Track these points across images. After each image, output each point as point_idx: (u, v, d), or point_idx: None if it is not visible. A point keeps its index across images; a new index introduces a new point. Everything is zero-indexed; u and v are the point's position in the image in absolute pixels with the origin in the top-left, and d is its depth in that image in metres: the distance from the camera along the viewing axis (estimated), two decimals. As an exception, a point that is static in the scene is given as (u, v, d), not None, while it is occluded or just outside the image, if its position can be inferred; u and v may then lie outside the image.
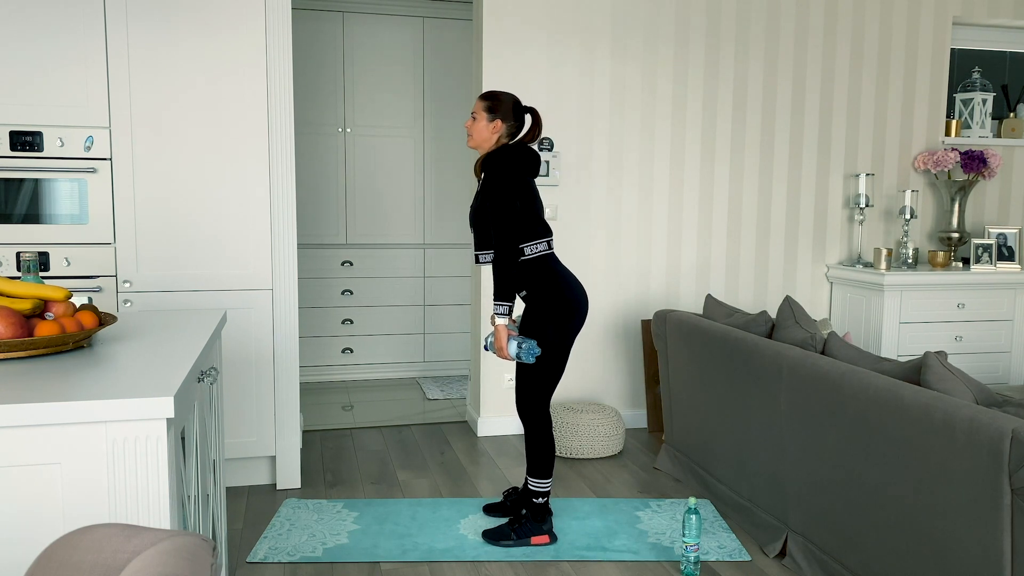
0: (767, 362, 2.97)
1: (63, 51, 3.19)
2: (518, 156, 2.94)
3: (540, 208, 3.01)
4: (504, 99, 2.99)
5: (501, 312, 2.92)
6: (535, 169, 3.00)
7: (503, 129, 2.98)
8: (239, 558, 2.92)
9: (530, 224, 2.95)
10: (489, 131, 2.98)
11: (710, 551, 2.99)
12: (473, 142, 3.03)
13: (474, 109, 3.02)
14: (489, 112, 2.98)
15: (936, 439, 2.19)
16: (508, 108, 2.98)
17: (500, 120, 2.97)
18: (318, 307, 5.53)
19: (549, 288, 2.94)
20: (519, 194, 2.92)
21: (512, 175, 2.91)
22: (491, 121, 2.98)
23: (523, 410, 3.03)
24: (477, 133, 3.00)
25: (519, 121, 3.01)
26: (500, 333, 2.93)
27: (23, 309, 1.88)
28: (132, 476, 1.49)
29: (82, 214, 3.26)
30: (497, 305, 2.92)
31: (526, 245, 2.94)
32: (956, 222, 4.87)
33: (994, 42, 5.14)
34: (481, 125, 2.98)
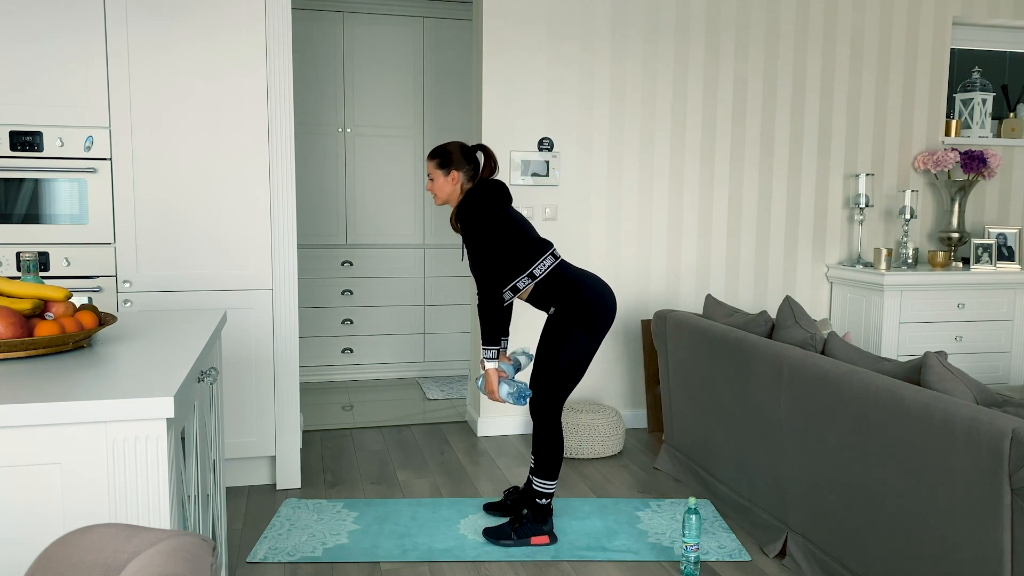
0: (767, 362, 2.97)
1: (63, 51, 3.19)
2: (486, 194, 2.99)
3: (529, 228, 3.04)
4: (451, 149, 3.05)
5: (489, 356, 2.99)
6: (507, 198, 3.04)
7: (461, 177, 3.04)
8: (239, 558, 2.92)
9: (526, 248, 2.98)
10: (450, 184, 3.05)
11: (710, 551, 2.99)
12: (439, 200, 3.10)
13: (427, 171, 3.09)
14: (442, 168, 3.04)
15: (936, 439, 2.19)
16: (458, 156, 3.04)
17: (455, 170, 3.04)
18: (318, 307, 5.53)
19: (575, 299, 2.95)
20: (502, 229, 2.96)
21: (486, 213, 2.95)
22: (447, 175, 3.04)
23: (537, 409, 3.03)
24: (440, 190, 3.07)
25: (472, 163, 3.07)
26: (491, 377, 2.99)
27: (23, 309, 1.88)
28: (132, 476, 1.49)
29: (82, 214, 3.26)
30: (485, 349, 2.99)
31: (534, 267, 2.97)
32: (956, 222, 4.87)
33: (994, 42, 5.14)
34: (440, 182, 3.05)
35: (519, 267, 2.96)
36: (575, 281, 2.97)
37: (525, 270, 2.96)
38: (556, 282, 2.97)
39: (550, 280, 2.97)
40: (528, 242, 2.98)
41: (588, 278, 3.01)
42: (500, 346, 3.00)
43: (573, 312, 2.94)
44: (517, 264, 2.96)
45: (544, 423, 3.02)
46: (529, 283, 2.98)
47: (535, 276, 2.97)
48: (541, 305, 3.03)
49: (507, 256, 2.96)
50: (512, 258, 2.96)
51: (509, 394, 2.97)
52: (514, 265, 2.96)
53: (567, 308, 2.94)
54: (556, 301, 2.97)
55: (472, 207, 2.96)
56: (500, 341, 3.00)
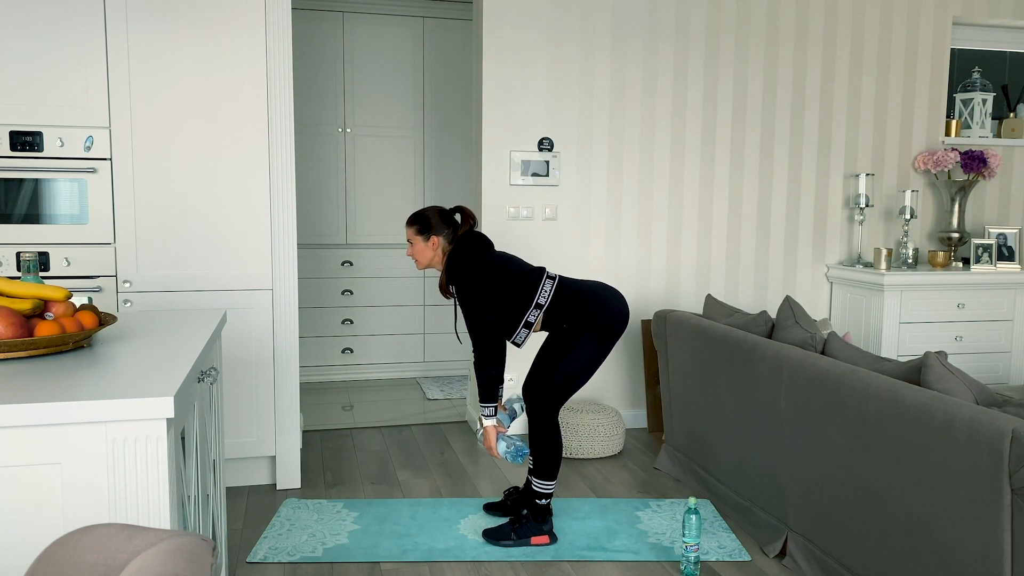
0: (767, 362, 2.97)
1: (63, 51, 3.19)
2: (468, 249, 3.01)
3: (519, 263, 3.06)
4: (429, 214, 3.08)
5: (488, 414, 3.03)
6: (488, 245, 3.07)
7: (441, 241, 3.07)
8: (239, 558, 2.92)
9: (523, 284, 2.99)
10: (430, 250, 3.07)
11: (710, 551, 2.99)
12: (421, 265, 3.12)
13: (407, 236, 3.11)
14: (421, 234, 3.07)
15: (936, 439, 2.19)
16: (436, 221, 3.07)
17: (434, 235, 3.06)
18: (318, 307, 5.53)
19: (582, 311, 2.95)
20: (492, 277, 2.97)
21: (474, 269, 2.97)
22: (427, 240, 3.07)
23: (535, 411, 3.03)
24: (420, 255, 3.09)
25: (451, 226, 3.09)
26: (490, 434, 3.03)
27: (23, 309, 1.88)
28: (132, 476, 1.49)
29: (82, 214, 3.26)
30: (483, 407, 3.03)
31: (538, 297, 2.98)
32: (956, 222, 4.87)
33: (994, 42, 5.14)
34: (420, 247, 3.08)
35: (524, 303, 2.98)
36: (578, 292, 2.99)
37: (530, 303, 2.97)
38: (561, 303, 2.98)
39: (556, 304, 2.98)
40: (522, 276, 3.00)
41: (592, 287, 3.02)
42: (496, 401, 3.04)
43: (581, 325, 2.95)
44: (521, 301, 2.98)
45: (542, 424, 3.02)
46: (539, 314, 2.98)
47: (541, 305, 2.98)
48: (554, 328, 3.03)
49: (508, 298, 2.97)
50: (513, 298, 2.97)
51: (506, 452, 3.02)
52: (518, 303, 2.98)
53: (580, 324, 2.96)
54: (567, 319, 2.98)
55: (458, 265, 2.98)
56: (497, 396, 3.04)
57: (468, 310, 2.97)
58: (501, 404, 3.20)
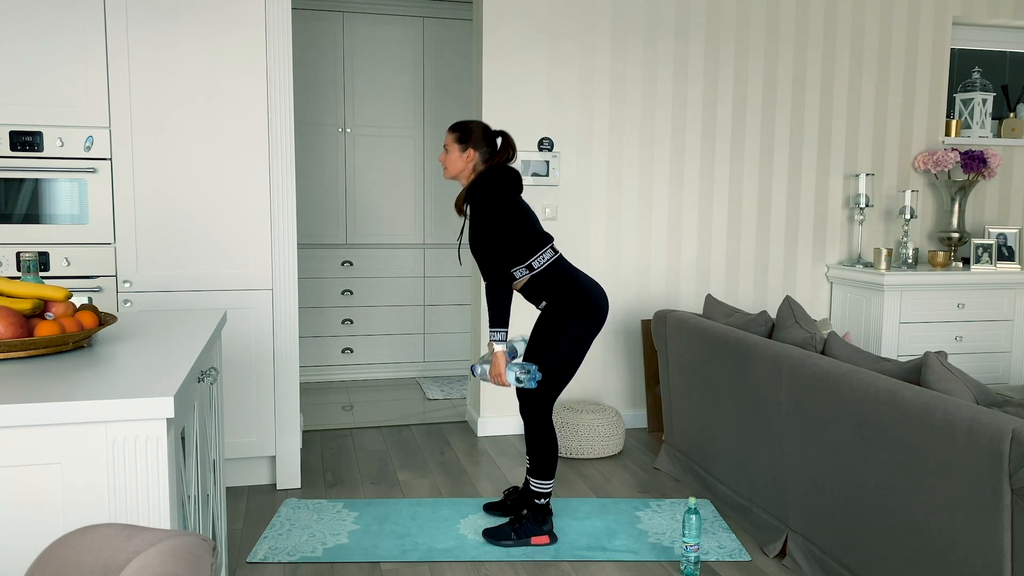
0: (767, 362, 2.97)
1: (63, 51, 3.19)
2: (498, 177, 2.95)
3: (535, 219, 3.02)
4: (473, 127, 3.01)
5: (498, 338, 2.93)
6: (518, 186, 3.01)
7: (476, 157, 3.00)
8: (239, 558, 2.92)
9: (530, 239, 2.95)
10: (463, 161, 3.00)
11: (710, 551, 2.99)
12: (449, 174, 3.05)
13: (445, 142, 3.05)
14: (460, 143, 3.00)
15: (936, 439, 2.19)
16: (479, 136, 3.00)
17: (472, 149, 2.99)
18: (318, 307, 5.53)
19: (568, 295, 2.94)
20: (508, 215, 2.92)
21: (496, 198, 2.92)
22: (463, 151, 3.00)
23: (527, 410, 3.02)
24: (451, 164, 3.02)
25: (491, 147, 3.03)
26: (500, 360, 2.92)
27: (23, 309, 1.88)
28: (132, 476, 1.49)
29: (82, 214, 3.26)
30: (493, 332, 2.93)
31: (533, 259, 2.95)
32: (956, 222, 4.87)
33: (994, 42, 5.14)
34: (454, 156, 3.01)
35: (519, 257, 2.95)
36: (570, 279, 2.97)
37: (524, 261, 2.95)
38: (552, 277, 2.96)
39: (546, 274, 2.96)
40: (532, 233, 2.96)
41: (583, 278, 3.00)
42: (507, 328, 2.94)
43: (564, 311, 2.93)
44: (517, 254, 2.94)
45: (535, 423, 3.02)
46: (526, 274, 2.96)
47: (533, 268, 2.96)
48: (533, 298, 3.01)
49: (509, 244, 2.93)
50: (513, 247, 2.94)
51: (517, 378, 2.90)
52: (514, 254, 2.94)
53: (558, 305, 2.94)
54: (548, 296, 2.96)
55: (482, 189, 2.92)
56: (508, 322, 2.93)
57: (484, 235, 2.90)
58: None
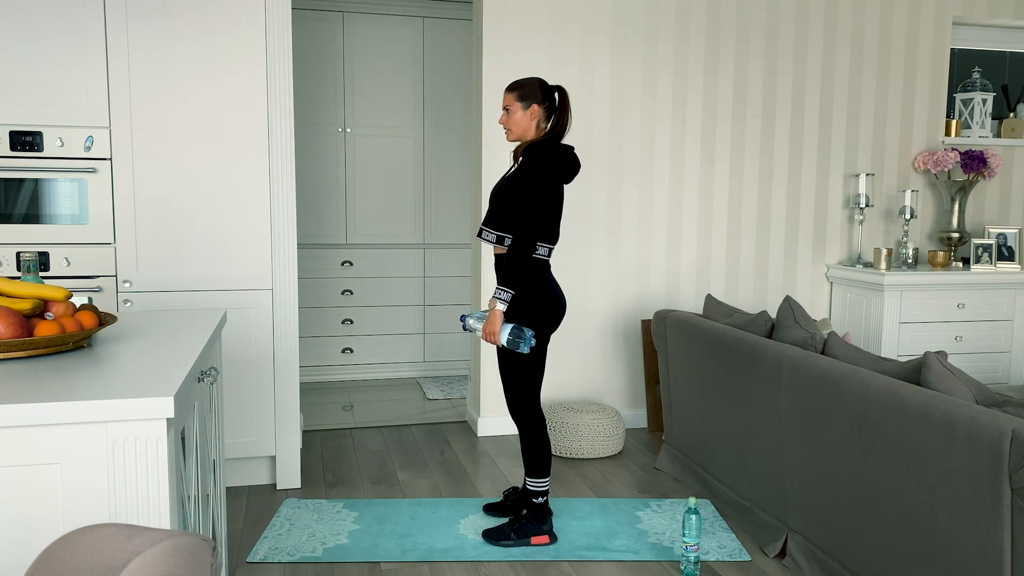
0: (767, 362, 2.97)
1: (63, 51, 3.19)
2: (562, 157, 2.89)
3: (559, 213, 2.96)
4: (530, 83, 2.94)
5: (503, 298, 2.86)
6: (571, 175, 2.95)
7: (540, 112, 2.93)
8: (239, 558, 2.92)
9: (551, 228, 2.92)
10: (528, 119, 2.93)
11: (710, 551, 2.99)
12: (513, 135, 2.97)
13: (505, 103, 2.97)
14: (522, 100, 2.92)
15: (936, 439, 2.19)
16: (536, 90, 2.93)
17: (535, 104, 2.92)
18: (318, 307, 5.53)
19: (538, 289, 2.93)
20: (546, 198, 2.86)
21: (550, 175, 2.85)
22: (527, 108, 2.92)
23: (516, 411, 3.03)
24: (516, 125, 2.95)
25: (550, 100, 2.95)
26: (496, 318, 2.86)
27: (23, 309, 1.88)
28: (132, 476, 1.49)
29: (82, 214, 3.26)
30: (501, 290, 2.87)
31: (540, 245, 2.92)
32: (956, 222, 4.87)
33: (994, 42, 5.14)
34: (518, 116, 2.93)
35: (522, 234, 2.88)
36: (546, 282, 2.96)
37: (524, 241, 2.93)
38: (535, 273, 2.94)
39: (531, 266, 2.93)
40: (555, 225, 2.92)
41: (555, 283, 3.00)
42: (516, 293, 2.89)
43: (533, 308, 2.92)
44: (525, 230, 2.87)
45: (525, 422, 3.02)
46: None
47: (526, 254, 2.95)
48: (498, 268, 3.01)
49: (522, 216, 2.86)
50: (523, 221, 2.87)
51: (508, 340, 2.86)
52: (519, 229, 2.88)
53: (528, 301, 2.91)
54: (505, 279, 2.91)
55: (547, 156, 2.84)
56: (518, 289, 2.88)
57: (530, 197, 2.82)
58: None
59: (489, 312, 2.91)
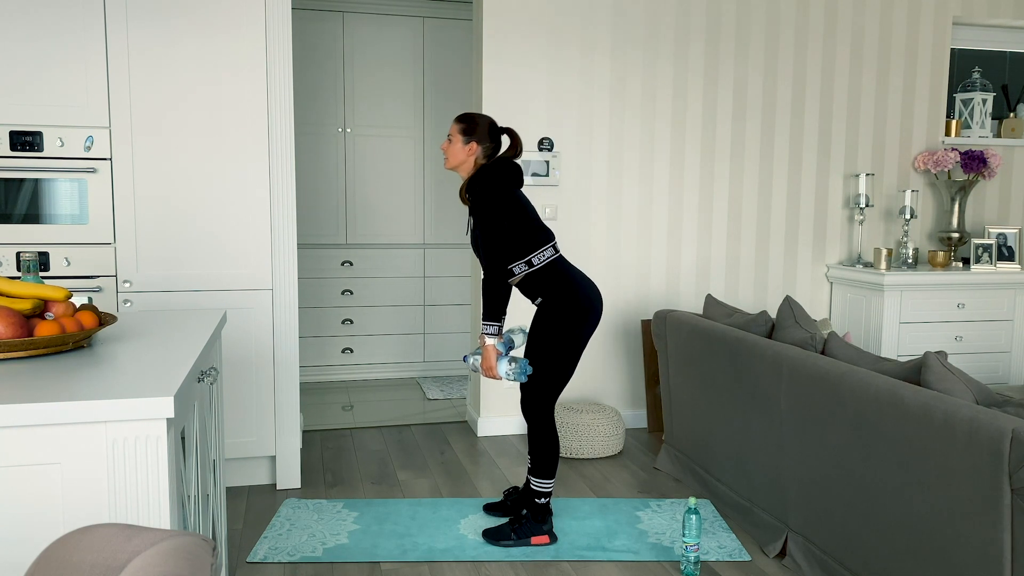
0: (767, 362, 2.97)
1: (63, 51, 3.19)
2: (500, 172, 2.94)
3: (536, 217, 3.01)
4: (480, 121, 3.00)
5: (490, 332, 2.94)
6: (519, 180, 3.00)
7: (479, 151, 2.99)
8: (239, 558, 2.92)
9: (531, 235, 2.95)
10: (465, 153, 2.99)
11: (710, 551, 2.99)
12: (449, 164, 3.04)
13: (450, 131, 3.03)
14: (465, 135, 2.99)
15: (936, 439, 2.19)
16: (484, 130, 2.99)
17: (475, 142, 2.98)
18: (318, 307, 5.53)
19: (564, 293, 2.93)
20: (509, 210, 2.92)
21: (498, 193, 2.91)
22: (467, 143, 2.99)
23: (529, 409, 3.02)
24: (453, 155, 3.01)
25: (495, 143, 3.02)
26: (489, 353, 2.94)
27: (23, 309, 1.88)
28: (132, 476, 1.49)
29: (82, 214, 3.26)
30: (486, 325, 2.94)
31: (533, 255, 2.94)
32: (956, 222, 4.87)
33: (994, 42, 5.14)
34: (457, 147, 3.00)
35: (519, 252, 2.94)
36: (569, 278, 2.96)
37: (524, 256, 2.94)
38: (550, 274, 2.95)
39: (545, 271, 2.95)
40: (532, 229, 2.96)
41: (581, 278, 3.00)
42: (501, 323, 2.95)
43: (560, 311, 2.93)
44: (517, 249, 2.94)
45: (537, 422, 3.01)
46: (525, 270, 2.95)
47: (533, 264, 2.95)
48: (529, 294, 3.00)
49: (509, 239, 2.93)
50: (514, 242, 2.93)
51: (507, 372, 2.91)
52: (514, 249, 2.94)
53: (554, 303, 2.93)
54: (545, 293, 2.95)
55: (483, 182, 2.91)
56: (501, 318, 2.95)
57: (486, 226, 2.90)
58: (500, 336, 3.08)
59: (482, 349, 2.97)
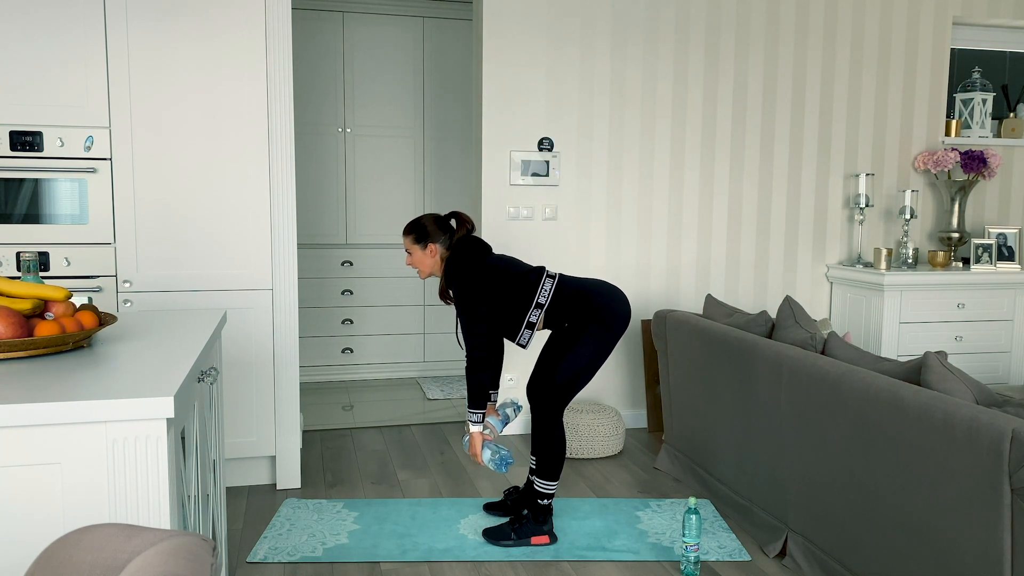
0: (767, 362, 2.97)
1: (63, 51, 3.19)
2: (465, 253, 3.01)
3: (517, 264, 3.06)
4: (424, 222, 3.08)
5: (474, 420, 3.03)
6: (485, 249, 3.07)
7: (439, 249, 3.07)
8: (239, 558, 2.92)
9: (523, 286, 2.98)
10: (429, 257, 3.07)
11: (710, 551, 2.99)
12: (424, 274, 3.13)
13: (405, 246, 3.12)
14: (419, 242, 3.07)
15: (936, 439, 2.19)
16: (432, 227, 3.07)
17: (431, 243, 3.06)
18: (318, 307, 5.53)
19: (583, 310, 2.95)
20: (491, 280, 2.97)
21: (472, 273, 2.96)
22: (424, 248, 3.07)
23: (539, 410, 3.02)
24: (420, 264, 3.09)
25: (447, 231, 3.09)
26: (475, 441, 3.04)
27: (23, 309, 1.88)
28: (132, 476, 1.49)
29: (82, 214, 3.26)
30: (470, 413, 3.03)
31: (537, 297, 2.97)
32: (956, 222, 4.87)
33: (994, 42, 5.14)
34: (419, 256, 3.08)
35: (525, 304, 2.97)
36: (580, 291, 2.98)
37: (531, 304, 2.97)
38: (562, 301, 2.97)
39: (556, 302, 2.98)
40: (521, 278, 3.00)
41: (593, 284, 3.01)
42: (484, 408, 3.04)
43: (583, 323, 2.95)
44: (522, 302, 2.97)
45: (546, 424, 3.01)
46: (540, 313, 2.98)
47: (542, 304, 2.97)
48: (556, 326, 3.03)
49: (509, 300, 2.97)
50: (514, 299, 2.97)
51: (490, 460, 3.03)
52: (519, 305, 2.97)
53: (582, 321, 2.95)
54: (568, 318, 2.98)
55: (456, 270, 2.98)
56: (485, 404, 3.03)
57: (463, 315, 2.97)
58: (493, 409, 3.20)
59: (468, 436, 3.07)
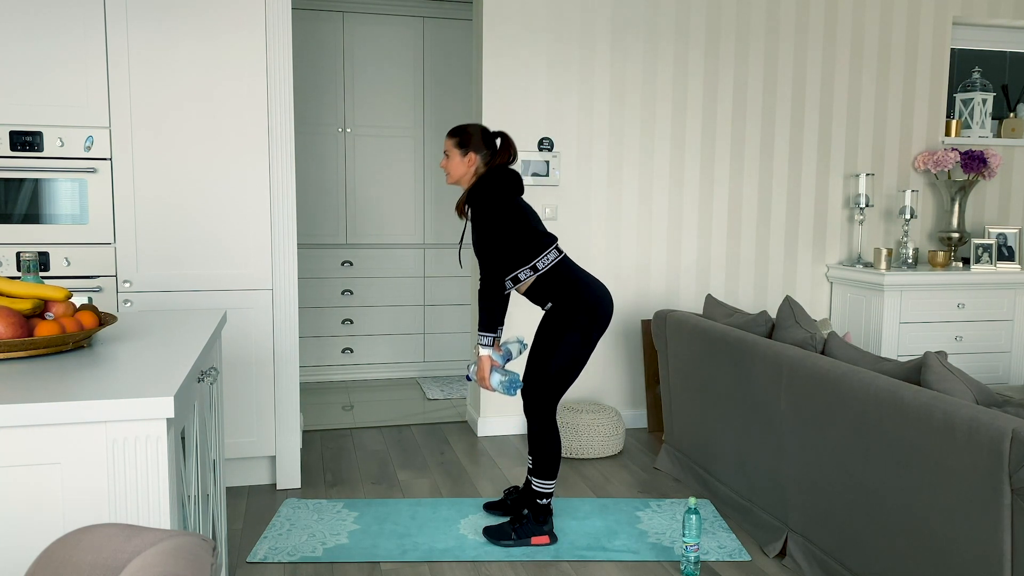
0: (767, 362, 2.97)
1: (63, 51, 3.19)
2: (499, 180, 2.96)
3: (537, 220, 3.03)
4: (471, 131, 3.02)
5: (485, 343, 2.98)
6: (519, 187, 3.02)
7: (478, 160, 3.01)
8: (239, 558, 2.92)
9: (533, 240, 2.96)
10: (465, 165, 3.02)
11: (710, 551, 2.99)
12: (451, 179, 3.06)
13: (445, 147, 3.06)
14: (460, 147, 3.01)
15: (936, 439, 2.19)
16: (478, 138, 3.01)
17: (473, 152, 3.01)
18: (318, 307, 5.53)
19: (573, 295, 2.94)
20: (511, 218, 2.94)
21: (498, 201, 2.93)
22: (464, 155, 3.01)
23: (531, 409, 3.02)
24: (454, 169, 3.03)
25: (491, 148, 3.04)
26: (484, 364, 2.98)
27: (23, 309, 1.87)
28: (132, 476, 1.49)
29: (82, 214, 3.26)
30: (481, 335, 2.97)
31: (537, 260, 2.96)
32: (956, 222, 4.87)
33: (994, 42, 5.14)
34: (456, 161, 3.02)
35: (523, 258, 2.96)
36: (576, 280, 2.97)
37: (528, 262, 2.96)
38: (557, 278, 2.96)
39: (551, 275, 2.96)
40: (535, 234, 2.97)
41: (589, 279, 3.00)
42: (496, 334, 2.98)
43: (569, 311, 2.93)
44: (521, 255, 2.95)
45: (539, 423, 3.01)
46: (531, 275, 2.97)
47: (538, 269, 2.96)
48: (538, 300, 3.02)
49: (512, 246, 2.95)
50: (517, 249, 2.95)
51: (500, 383, 2.97)
52: (518, 256, 2.95)
53: (563, 306, 2.94)
54: (554, 297, 2.96)
55: (483, 192, 2.93)
56: (496, 329, 2.98)
57: (483, 237, 2.92)
58: (497, 345, 3.11)
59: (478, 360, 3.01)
